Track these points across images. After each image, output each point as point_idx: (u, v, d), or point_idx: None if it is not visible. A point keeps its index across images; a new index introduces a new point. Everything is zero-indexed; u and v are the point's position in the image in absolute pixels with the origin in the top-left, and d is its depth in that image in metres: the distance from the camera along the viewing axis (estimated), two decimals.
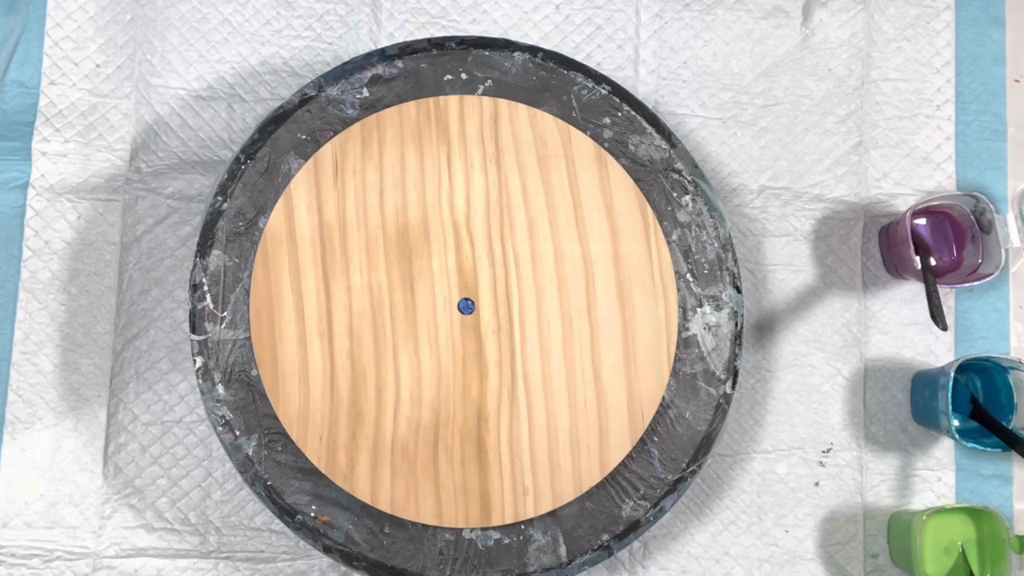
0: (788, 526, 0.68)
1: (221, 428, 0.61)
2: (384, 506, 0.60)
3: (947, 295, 0.70)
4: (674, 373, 0.63)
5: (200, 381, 0.61)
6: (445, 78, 0.65)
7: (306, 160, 0.63)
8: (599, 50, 0.72)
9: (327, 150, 0.63)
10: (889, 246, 0.69)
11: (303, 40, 0.71)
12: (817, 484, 0.69)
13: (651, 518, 0.62)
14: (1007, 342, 0.71)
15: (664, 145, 0.65)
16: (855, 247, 0.71)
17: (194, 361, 0.61)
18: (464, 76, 0.65)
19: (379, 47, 0.67)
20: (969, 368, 0.67)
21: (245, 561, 0.65)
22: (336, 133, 0.63)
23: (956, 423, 0.64)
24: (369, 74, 0.64)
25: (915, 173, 0.72)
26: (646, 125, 0.65)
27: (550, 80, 0.65)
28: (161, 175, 0.68)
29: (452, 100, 0.64)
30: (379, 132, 0.64)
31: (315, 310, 0.62)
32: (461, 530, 0.60)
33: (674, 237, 0.64)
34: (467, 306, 0.63)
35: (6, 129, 0.68)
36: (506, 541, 0.60)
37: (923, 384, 0.69)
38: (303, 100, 0.63)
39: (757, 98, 0.72)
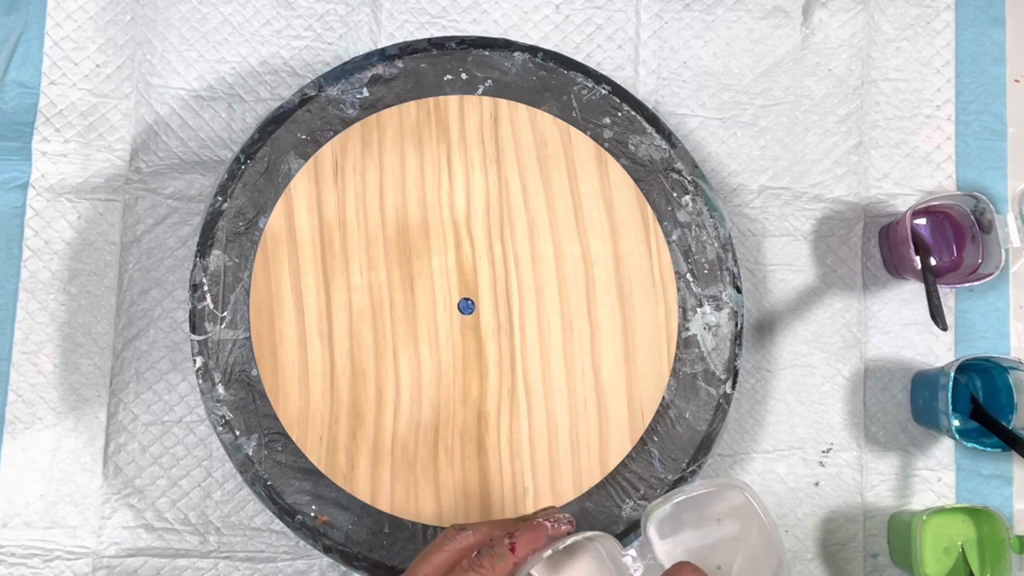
0: (788, 526, 0.68)
1: (221, 428, 0.61)
2: (384, 506, 0.60)
3: (947, 295, 0.70)
4: (674, 373, 0.63)
5: (200, 381, 0.61)
6: (445, 78, 0.65)
7: (306, 160, 0.63)
8: (599, 50, 0.72)
9: (327, 150, 0.63)
10: (889, 246, 0.69)
11: (303, 40, 0.71)
12: (817, 484, 0.69)
13: None
14: (1007, 342, 0.71)
15: (664, 145, 0.65)
16: (855, 247, 0.71)
17: (194, 361, 0.61)
18: (464, 76, 0.65)
19: (379, 47, 0.67)
20: (969, 368, 0.67)
21: (245, 561, 0.65)
22: (336, 133, 0.63)
23: (956, 423, 0.64)
24: (369, 74, 0.64)
25: (915, 173, 0.72)
26: (646, 125, 0.65)
27: (550, 80, 0.65)
28: (161, 175, 0.68)
29: (452, 100, 0.64)
30: (379, 132, 0.64)
31: (315, 310, 0.62)
32: None
33: (674, 237, 0.64)
34: (467, 306, 0.63)
35: (6, 129, 0.68)
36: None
37: (923, 384, 0.69)
38: (303, 100, 0.63)
39: (757, 98, 0.72)
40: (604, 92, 0.65)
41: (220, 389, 0.61)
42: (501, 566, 0.46)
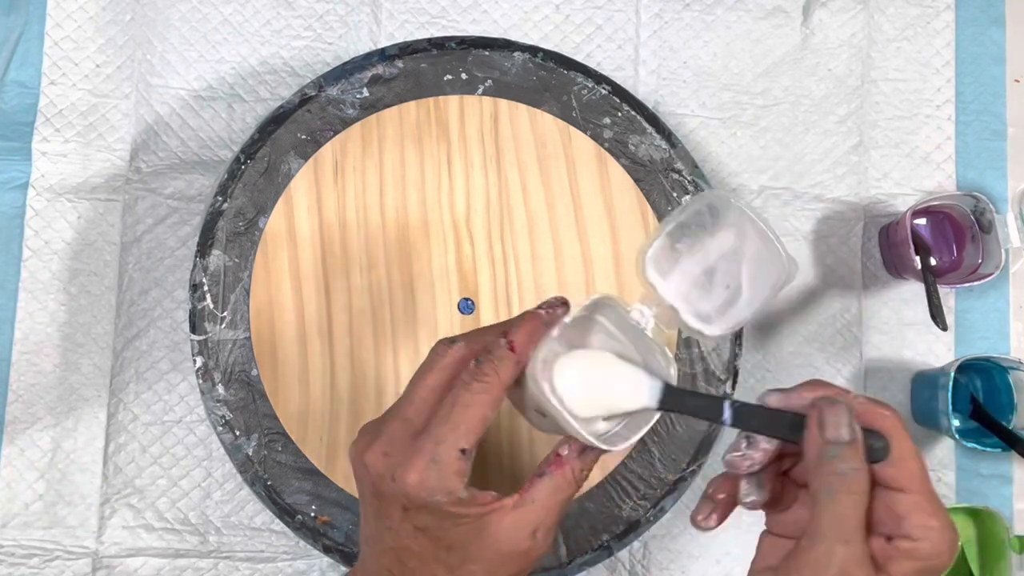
0: None
1: (221, 428, 0.61)
2: None
3: (947, 295, 0.70)
4: None
5: (200, 381, 0.61)
6: (445, 78, 0.65)
7: (306, 160, 0.63)
8: (599, 50, 0.72)
9: (327, 150, 0.63)
10: (889, 246, 0.69)
11: (303, 40, 0.71)
12: None
13: (651, 518, 0.62)
14: (1007, 342, 0.71)
15: (664, 145, 0.65)
16: (855, 247, 0.71)
17: (194, 361, 0.61)
18: (464, 76, 0.65)
19: (379, 47, 0.67)
20: (969, 368, 0.67)
21: (245, 561, 0.65)
22: (336, 133, 0.63)
23: (956, 423, 0.64)
24: (369, 74, 0.64)
25: (915, 173, 0.72)
26: (646, 125, 0.65)
27: (550, 80, 0.65)
28: (161, 175, 0.68)
29: (452, 100, 0.64)
30: (379, 132, 0.64)
31: (315, 310, 0.62)
32: None
33: None
34: (467, 306, 0.63)
35: (6, 129, 0.68)
36: None
37: (923, 384, 0.69)
38: (303, 100, 0.63)
39: (757, 98, 0.72)
40: (604, 92, 0.65)
41: (220, 389, 0.61)
42: (505, 369, 0.43)
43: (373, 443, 0.44)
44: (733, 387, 0.64)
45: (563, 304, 0.45)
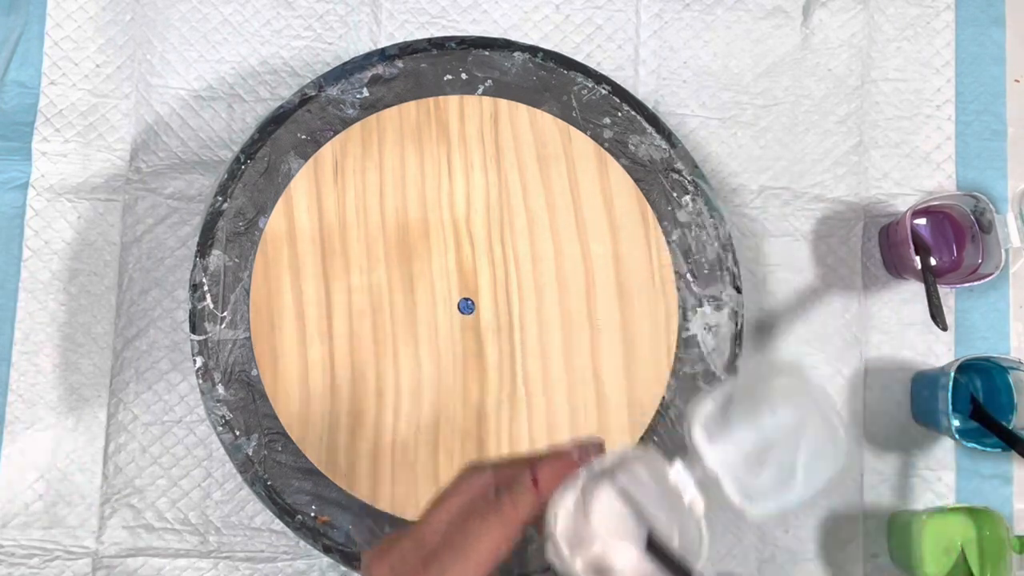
0: (788, 526, 0.68)
1: (221, 428, 0.61)
2: (384, 506, 0.60)
3: (947, 295, 0.70)
4: (674, 373, 0.63)
5: (200, 381, 0.61)
6: (445, 78, 0.65)
7: (306, 160, 0.63)
8: (599, 50, 0.72)
9: (327, 150, 0.63)
10: (889, 246, 0.69)
11: (303, 40, 0.71)
12: None
13: None
14: (1007, 342, 0.71)
15: (664, 145, 0.65)
16: (855, 247, 0.71)
17: (194, 361, 0.61)
18: (464, 76, 0.65)
19: (379, 47, 0.67)
20: (969, 368, 0.67)
21: (245, 561, 0.65)
22: (336, 133, 0.63)
23: (956, 423, 0.64)
24: (369, 74, 0.64)
25: (915, 173, 0.72)
26: (646, 125, 0.65)
27: (550, 80, 0.65)
28: (161, 175, 0.68)
29: (452, 100, 0.64)
30: (379, 132, 0.64)
31: (315, 310, 0.62)
32: None
33: (674, 237, 0.64)
34: (467, 306, 0.63)
35: (6, 129, 0.68)
36: None
37: (923, 384, 0.69)
38: (303, 100, 0.63)
39: (757, 98, 0.72)
40: (604, 92, 0.65)
41: (220, 389, 0.61)
42: (523, 504, 0.41)
43: (385, 555, 0.42)
44: None
45: (600, 448, 0.43)
